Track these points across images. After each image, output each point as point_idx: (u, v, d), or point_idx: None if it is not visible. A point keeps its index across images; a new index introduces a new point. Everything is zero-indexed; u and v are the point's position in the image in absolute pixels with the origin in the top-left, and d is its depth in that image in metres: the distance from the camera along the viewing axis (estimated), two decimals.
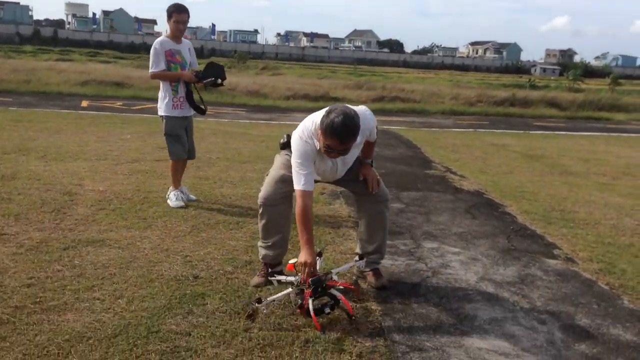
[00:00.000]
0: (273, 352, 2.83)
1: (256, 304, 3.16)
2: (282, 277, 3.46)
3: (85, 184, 5.87)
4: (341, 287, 3.33)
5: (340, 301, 3.18)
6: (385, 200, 3.75)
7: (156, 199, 5.48)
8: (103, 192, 5.61)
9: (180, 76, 5.22)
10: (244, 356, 2.78)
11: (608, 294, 3.86)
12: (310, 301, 3.10)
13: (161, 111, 5.33)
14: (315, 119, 3.30)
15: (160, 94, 5.32)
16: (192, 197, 5.59)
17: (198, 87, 5.39)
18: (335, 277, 3.31)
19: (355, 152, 3.50)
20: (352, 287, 3.32)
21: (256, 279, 3.66)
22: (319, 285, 3.15)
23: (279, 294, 3.31)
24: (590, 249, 4.78)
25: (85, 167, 6.68)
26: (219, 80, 5.26)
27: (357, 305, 3.40)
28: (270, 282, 3.54)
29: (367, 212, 3.74)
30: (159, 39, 5.28)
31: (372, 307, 3.41)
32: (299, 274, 3.24)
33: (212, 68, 5.26)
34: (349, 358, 2.82)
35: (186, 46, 5.38)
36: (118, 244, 4.21)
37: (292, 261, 3.39)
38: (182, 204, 5.27)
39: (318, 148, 3.27)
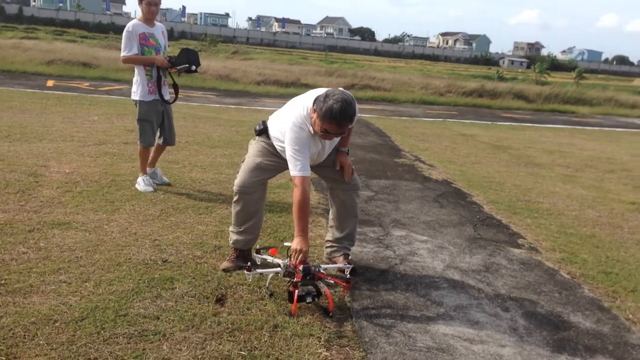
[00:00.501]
0: (242, 336, 2.84)
1: (245, 271, 3.28)
2: (269, 258, 3.49)
3: (51, 166, 5.76)
4: (332, 281, 3.36)
5: (324, 295, 3.21)
6: (357, 188, 3.79)
7: (124, 182, 5.42)
8: (69, 174, 5.51)
9: (153, 60, 5.10)
10: (212, 340, 2.78)
11: (569, 282, 3.97)
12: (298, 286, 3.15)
13: (135, 95, 5.20)
14: (305, 103, 3.33)
15: (135, 78, 5.19)
16: (166, 179, 5.57)
17: (171, 73, 5.31)
18: (323, 271, 3.34)
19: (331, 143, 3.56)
20: (343, 283, 3.34)
21: (225, 264, 3.66)
22: (309, 273, 3.19)
23: (268, 270, 3.38)
24: (553, 239, 4.90)
25: (51, 148, 6.56)
26: (194, 67, 5.13)
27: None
28: (240, 268, 3.55)
29: (340, 200, 3.77)
30: (131, 22, 5.13)
31: (341, 291, 3.45)
32: (289, 258, 3.29)
33: (186, 54, 5.13)
34: (317, 343, 2.84)
35: (159, 29, 5.28)
36: (85, 227, 4.16)
37: (287, 244, 3.45)
38: (151, 189, 5.21)
39: (312, 132, 3.30)
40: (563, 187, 7.05)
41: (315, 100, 3.26)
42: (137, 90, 5.18)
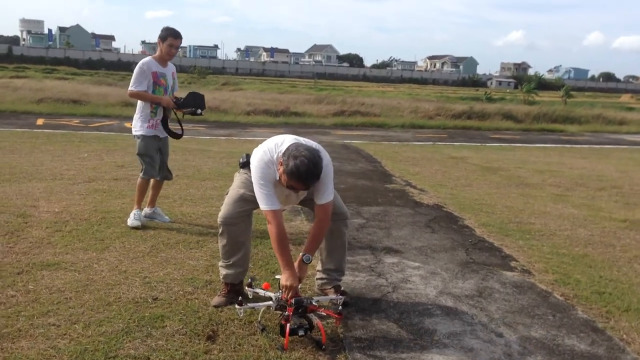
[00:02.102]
0: None
1: (236, 306, 3.27)
2: (261, 292, 3.48)
3: (40, 205, 5.73)
4: (323, 313, 3.34)
5: (316, 328, 3.18)
6: (344, 218, 3.77)
7: (114, 219, 5.39)
8: (59, 214, 5.49)
9: (159, 100, 5.16)
10: None
11: (563, 304, 3.95)
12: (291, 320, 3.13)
13: (136, 130, 5.23)
14: (278, 147, 3.34)
15: (137, 114, 5.24)
16: (167, 218, 5.50)
17: (176, 113, 5.37)
18: (315, 304, 3.32)
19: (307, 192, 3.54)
20: (335, 315, 3.32)
21: (217, 299, 3.63)
22: (301, 306, 3.18)
23: (260, 304, 3.36)
24: (546, 260, 4.90)
25: (40, 187, 6.53)
26: (199, 111, 5.23)
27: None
28: (232, 303, 3.52)
29: (328, 231, 3.75)
30: (145, 59, 5.20)
31: (333, 323, 3.42)
32: (280, 291, 3.28)
33: (193, 98, 5.21)
34: None
35: (171, 70, 5.36)
36: (74, 267, 4.13)
37: (278, 276, 3.42)
38: (139, 223, 5.17)
39: (278, 178, 3.30)
40: (554, 206, 7.07)
41: (285, 153, 3.23)
42: (137, 124, 5.23)
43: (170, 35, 5.09)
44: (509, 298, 4.00)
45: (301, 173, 3.12)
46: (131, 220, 5.19)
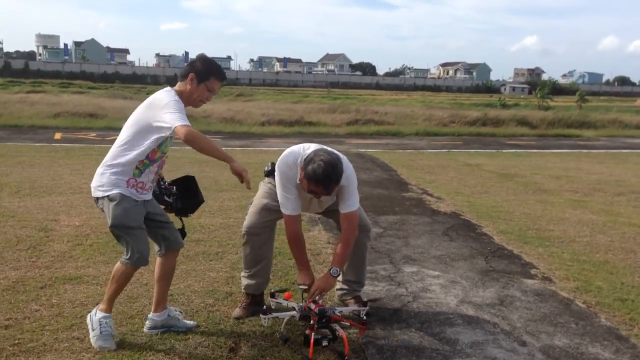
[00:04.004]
0: None
1: (261, 315, 3.29)
2: (284, 302, 3.49)
3: (61, 219, 5.80)
4: (347, 323, 3.35)
5: (340, 338, 3.18)
6: (367, 230, 3.76)
7: None
8: (79, 227, 5.55)
9: (229, 161, 3.15)
10: None
11: (585, 312, 3.92)
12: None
13: (107, 188, 3.12)
14: (304, 150, 3.37)
15: (111, 164, 3.14)
16: (191, 323, 3.48)
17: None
18: (338, 314, 3.33)
19: (329, 198, 3.54)
20: (360, 325, 3.32)
21: (238, 311, 3.65)
22: (324, 315, 3.18)
23: (284, 313, 3.38)
24: (566, 267, 4.86)
25: (60, 201, 6.61)
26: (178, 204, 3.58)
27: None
28: (253, 314, 3.54)
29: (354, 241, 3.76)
30: (175, 94, 3.17)
31: (355, 333, 3.42)
32: (303, 301, 3.31)
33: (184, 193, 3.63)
34: None
35: None
36: (96, 280, 4.17)
37: (301, 286, 3.44)
38: (111, 343, 3.16)
39: (298, 182, 3.32)
40: (573, 212, 7.02)
41: (305, 158, 3.27)
42: (112, 179, 3.13)
43: (216, 76, 3.29)
44: (531, 306, 3.98)
45: (318, 175, 3.13)
46: (97, 337, 3.16)
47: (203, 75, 3.23)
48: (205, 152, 3.05)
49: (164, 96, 3.12)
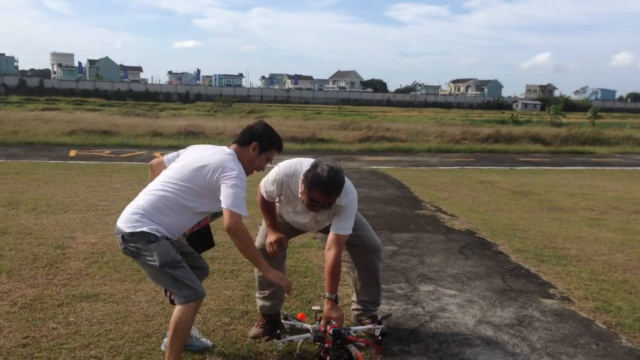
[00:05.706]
0: None
1: (274, 340, 3.22)
2: (297, 323, 3.46)
3: (77, 237, 5.83)
4: (362, 344, 3.32)
5: (355, 358, 3.16)
6: (377, 250, 3.74)
7: None
8: (95, 245, 5.57)
9: (264, 271, 3.23)
10: None
11: (606, 333, 3.87)
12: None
13: (146, 223, 3.15)
14: (304, 167, 3.37)
15: (161, 207, 3.23)
16: (208, 342, 3.50)
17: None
18: (353, 334, 3.30)
19: (327, 216, 3.49)
20: (375, 345, 3.29)
21: (254, 330, 3.63)
22: (339, 337, 3.15)
23: (298, 336, 3.33)
24: (585, 286, 4.80)
25: (76, 219, 6.65)
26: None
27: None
28: (269, 333, 3.52)
29: (360, 262, 3.75)
30: (241, 166, 3.23)
31: (372, 353, 3.39)
32: (317, 322, 3.26)
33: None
34: None
35: None
36: (112, 298, 4.17)
37: (315, 307, 3.42)
38: None
39: (299, 195, 3.33)
40: (589, 231, 6.95)
41: (308, 168, 3.27)
42: (151, 217, 3.18)
43: (276, 147, 3.37)
44: (550, 327, 3.93)
45: (322, 179, 3.11)
46: None
47: (266, 146, 3.29)
48: (242, 253, 3.16)
49: (234, 167, 3.13)
